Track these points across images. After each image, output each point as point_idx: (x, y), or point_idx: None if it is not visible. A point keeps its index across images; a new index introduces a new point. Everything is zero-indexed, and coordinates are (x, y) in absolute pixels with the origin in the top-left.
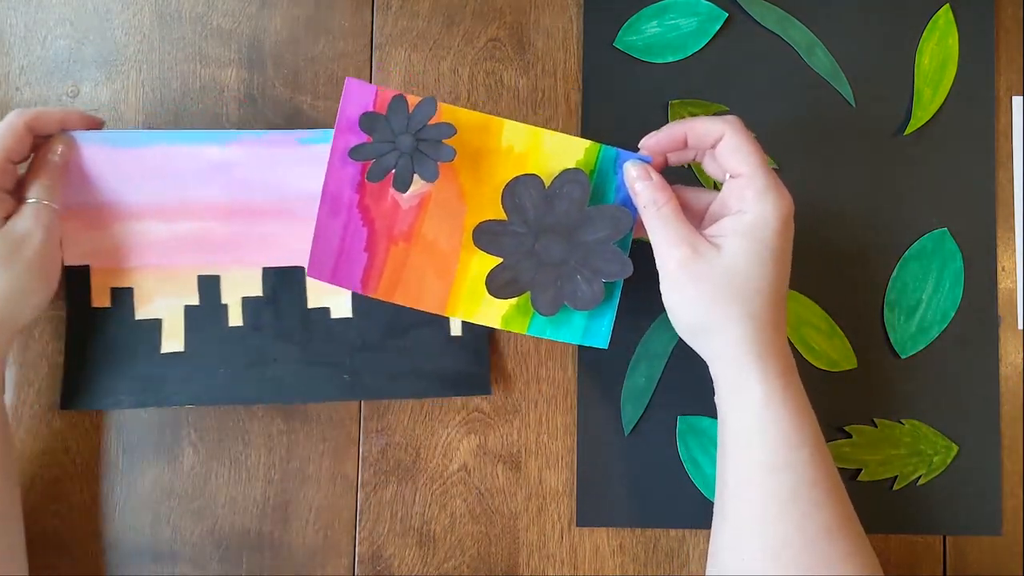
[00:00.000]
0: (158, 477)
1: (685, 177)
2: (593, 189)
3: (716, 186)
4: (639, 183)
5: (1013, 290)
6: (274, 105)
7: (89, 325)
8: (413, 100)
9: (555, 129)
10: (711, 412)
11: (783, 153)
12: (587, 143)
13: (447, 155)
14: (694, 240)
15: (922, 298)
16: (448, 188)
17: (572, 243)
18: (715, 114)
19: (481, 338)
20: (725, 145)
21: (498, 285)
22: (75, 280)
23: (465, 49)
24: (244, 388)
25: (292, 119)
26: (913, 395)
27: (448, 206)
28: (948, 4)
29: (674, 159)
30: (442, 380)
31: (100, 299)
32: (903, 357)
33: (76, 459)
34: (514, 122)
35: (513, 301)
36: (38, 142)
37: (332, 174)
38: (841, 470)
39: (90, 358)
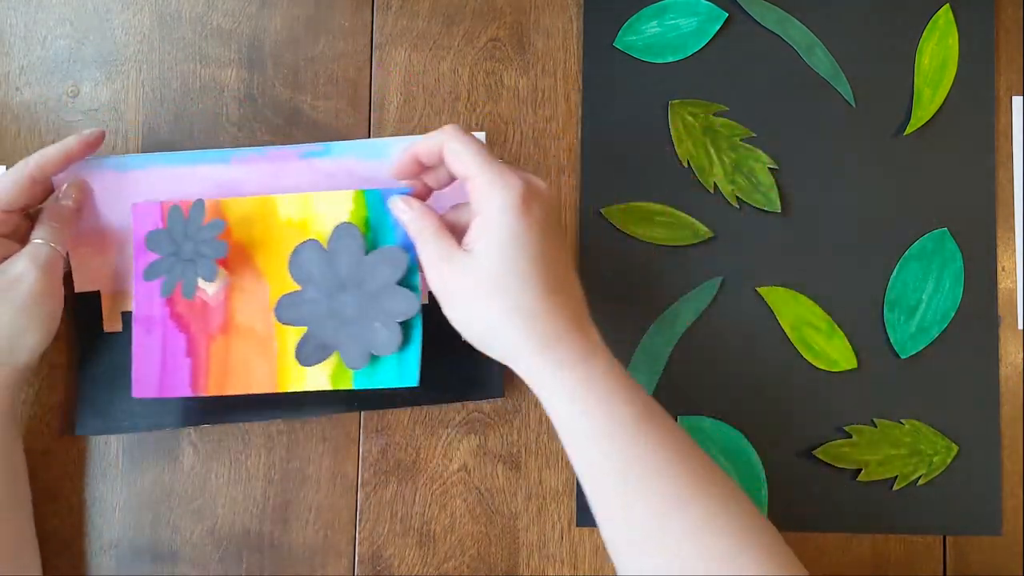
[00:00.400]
0: (158, 477)
1: (686, 177)
2: (373, 234)
3: None
4: (403, 215)
5: (1013, 290)
6: (274, 105)
7: (102, 350)
8: (187, 206)
9: (556, 129)
10: (711, 412)
11: (783, 153)
12: (352, 193)
13: (220, 251)
14: (450, 254)
15: (922, 298)
16: (247, 272)
17: (363, 294)
18: (714, 114)
19: None
20: (447, 154)
21: (307, 354)
22: (85, 306)
23: (465, 49)
24: (253, 405)
25: (292, 119)
26: (913, 395)
27: (251, 289)
28: (948, 4)
29: (433, 182)
30: (450, 386)
31: (112, 324)
32: (903, 357)
33: (76, 459)
34: (285, 195)
35: (334, 360)
36: (50, 183)
37: (139, 297)
38: (841, 470)
39: (104, 383)
